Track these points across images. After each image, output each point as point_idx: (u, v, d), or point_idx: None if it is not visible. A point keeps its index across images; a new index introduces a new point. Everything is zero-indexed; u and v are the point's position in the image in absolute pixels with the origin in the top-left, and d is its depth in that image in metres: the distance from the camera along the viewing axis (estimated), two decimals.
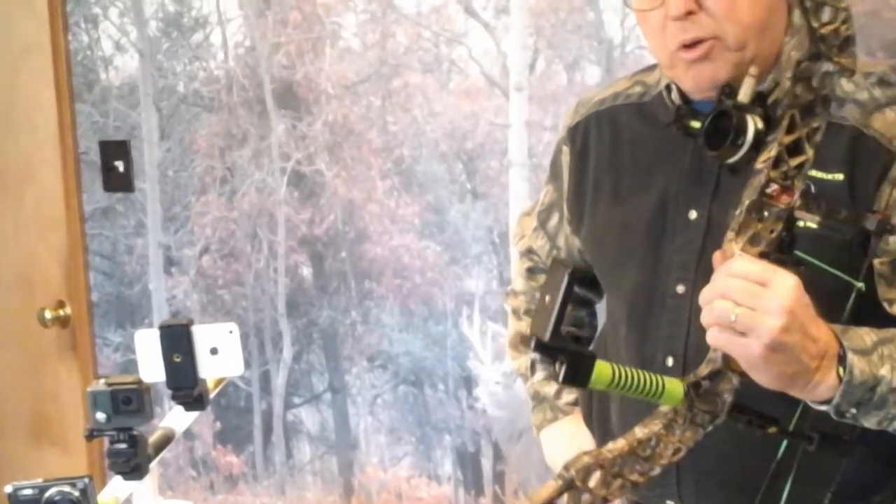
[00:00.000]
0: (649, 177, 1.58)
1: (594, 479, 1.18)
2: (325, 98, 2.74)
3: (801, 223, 1.26)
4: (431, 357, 2.65)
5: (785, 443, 1.31)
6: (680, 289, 1.50)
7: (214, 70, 2.92)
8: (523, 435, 2.52)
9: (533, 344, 1.18)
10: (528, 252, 1.87)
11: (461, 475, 2.63)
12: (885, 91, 1.46)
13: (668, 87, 1.57)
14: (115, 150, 3.19)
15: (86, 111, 3.22)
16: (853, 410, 1.28)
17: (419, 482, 2.71)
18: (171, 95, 3.04)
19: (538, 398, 1.87)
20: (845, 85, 1.44)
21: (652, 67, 1.66)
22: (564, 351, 1.18)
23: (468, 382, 2.60)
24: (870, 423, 1.32)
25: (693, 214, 1.51)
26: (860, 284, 1.33)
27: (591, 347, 1.76)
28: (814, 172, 1.33)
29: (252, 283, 2.96)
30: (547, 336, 1.17)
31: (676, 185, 1.54)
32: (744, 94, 1.34)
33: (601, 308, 1.78)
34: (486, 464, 2.59)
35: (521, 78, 2.43)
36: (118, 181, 3.20)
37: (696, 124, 1.42)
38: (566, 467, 1.19)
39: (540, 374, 1.86)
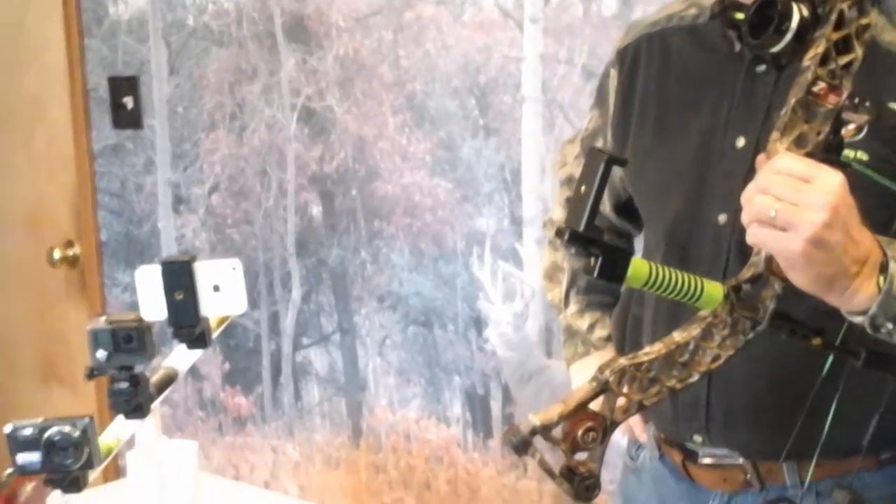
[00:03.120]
0: (697, 102, 1.52)
1: (630, 383, 1.14)
2: (336, 31, 2.68)
3: (850, 154, 1.20)
4: (441, 297, 2.60)
5: (830, 359, 1.25)
6: (722, 218, 1.44)
7: (224, 3, 2.86)
8: (533, 377, 2.47)
9: (567, 235, 1.11)
10: (569, 180, 1.80)
11: (470, 417, 2.59)
12: None
13: (713, 16, 1.50)
14: (124, 86, 3.14)
15: (95, 46, 3.17)
16: (889, 325, 1.21)
17: (428, 424, 2.66)
18: (180, 29, 2.99)
19: (570, 332, 1.81)
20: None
21: None
22: (600, 243, 1.12)
23: (478, 323, 2.55)
24: None
25: (741, 141, 1.45)
26: None
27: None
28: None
29: (261, 222, 2.91)
30: (582, 226, 1.10)
31: (725, 111, 1.48)
32: None
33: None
34: (496, 406, 2.54)
35: (535, 9, 2.36)
36: (127, 118, 3.15)
37: (740, 16, 1.37)
38: (601, 369, 1.14)
39: (573, 306, 1.80)
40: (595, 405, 1.14)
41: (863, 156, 1.28)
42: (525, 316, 2.46)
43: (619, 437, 1.69)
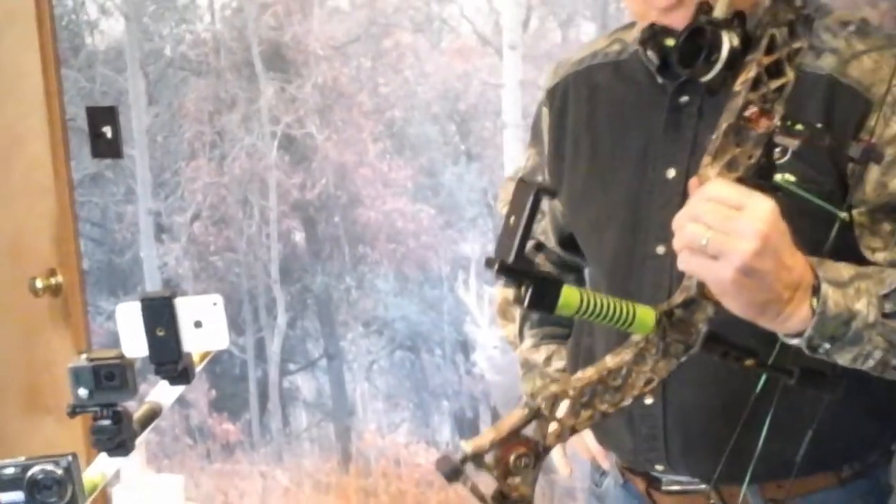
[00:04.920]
0: (626, 137, 1.53)
1: (562, 409, 1.13)
2: (315, 60, 2.68)
3: (778, 177, 1.20)
4: (428, 322, 2.62)
5: (763, 378, 1.26)
6: (660, 249, 1.46)
7: (201, 33, 2.86)
8: (522, 400, 2.48)
9: (497, 266, 1.11)
10: None
11: (460, 441, 2.59)
12: (863, 40, 1.41)
13: (643, 42, 1.51)
14: (102, 116, 3.13)
15: (72, 77, 3.16)
16: (826, 345, 1.23)
17: (417, 448, 2.68)
18: (158, 59, 2.98)
19: (528, 366, 1.83)
20: (822, 34, 1.40)
21: (631, 25, 1.62)
22: (530, 274, 1.12)
23: (465, 347, 2.56)
24: (843, 359, 1.27)
25: (671, 173, 1.47)
26: (844, 214, 1.27)
27: None
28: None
29: (245, 250, 2.92)
30: (511, 258, 1.10)
31: (654, 144, 1.49)
32: (719, 10, 1.29)
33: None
34: (485, 429, 2.55)
35: (514, 36, 2.37)
36: (106, 147, 3.15)
37: (670, 42, 1.37)
38: (533, 395, 1.15)
39: (528, 341, 1.82)
40: (528, 431, 1.13)
41: (790, 178, 1.28)
42: None
43: (584, 462, 1.72)
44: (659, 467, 1.53)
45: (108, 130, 3.13)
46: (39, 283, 3.31)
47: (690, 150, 1.44)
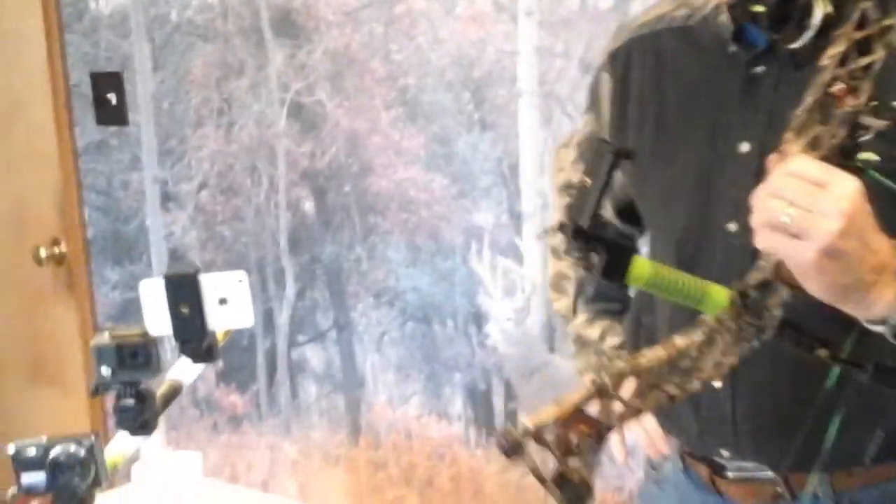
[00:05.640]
0: (696, 106, 1.47)
1: (628, 388, 1.08)
2: (325, 25, 2.63)
3: (862, 156, 1.15)
4: (440, 293, 2.58)
5: (836, 372, 1.21)
6: (732, 227, 1.40)
7: None
8: (536, 372, 2.45)
9: (571, 230, 1.07)
10: (568, 187, 1.76)
11: (472, 414, 2.57)
12: None
13: (717, 7, 1.46)
14: (107, 82, 3.08)
15: (75, 42, 3.11)
16: None
17: (429, 421, 2.64)
18: (163, 24, 2.93)
19: (581, 342, 1.77)
20: None
21: None
22: (603, 240, 1.08)
23: (478, 319, 2.52)
24: None
25: (745, 147, 1.41)
26: None
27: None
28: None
29: (252, 219, 2.87)
30: (585, 221, 1.06)
31: (726, 115, 1.44)
32: None
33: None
34: (498, 402, 2.52)
35: (530, 2, 2.32)
36: (111, 114, 3.10)
37: (759, 8, 1.32)
38: (599, 371, 1.10)
39: (582, 316, 1.76)
40: (591, 410, 1.08)
41: (872, 157, 1.23)
42: (526, 311, 2.43)
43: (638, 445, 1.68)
44: (725, 452, 1.48)
45: (112, 97, 3.08)
46: (43, 253, 3.27)
47: (766, 123, 1.38)
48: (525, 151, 2.38)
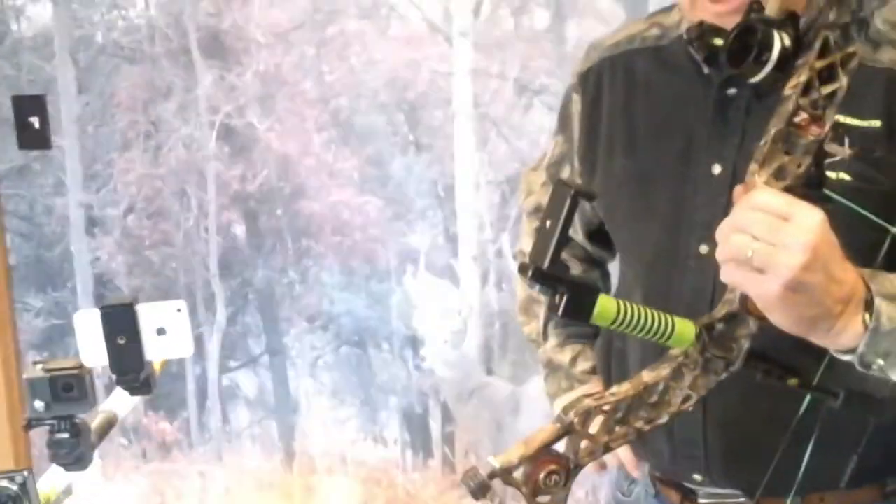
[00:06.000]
0: (668, 127, 1.46)
1: (596, 424, 1.07)
2: (256, 47, 2.60)
3: (833, 175, 1.15)
4: (375, 316, 2.55)
5: (807, 400, 1.20)
6: (703, 249, 1.38)
7: (135, 19, 2.77)
8: (473, 394, 2.43)
9: (531, 272, 1.05)
10: (537, 210, 1.73)
11: (409, 437, 2.55)
12: None
13: (690, 42, 1.45)
14: (29, 105, 3.01)
15: None
16: (880, 361, 1.16)
17: (364, 446, 2.62)
18: (88, 47, 2.88)
19: (552, 366, 1.74)
20: (880, 26, 1.34)
21: (669, 8, 1.54)
22: (565, 281, 1.06)
23: (414, 342, 2.50)
24: None
25: (717, 168, 1.39)
26: (895, 230, 1.22)
27: None
28: (848, 119, 1.23)
29: (181, 243, 2.83)
30: (546, 263, 1.05)
31: (698, 137, 1.42)
32: (771, 9, 1.23)
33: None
34: (435, 425, 2.51)
35: (465, 23, 2.32)
36: (34, 138, 3.03)
37: (719, 41, 1.31)
38: (565, 410, 1.08)
39: (553, 340, 1.74)
40: (559, 447, 1.07)
41: (845, 177, 1.23)
42: (463, 333, 2.42)
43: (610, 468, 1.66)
44: (696, 477, 1.47)
45: (35, 120, 3.01)
46: None
47: (738, 145, 1.38)
48: (461, 173, 2.37)
